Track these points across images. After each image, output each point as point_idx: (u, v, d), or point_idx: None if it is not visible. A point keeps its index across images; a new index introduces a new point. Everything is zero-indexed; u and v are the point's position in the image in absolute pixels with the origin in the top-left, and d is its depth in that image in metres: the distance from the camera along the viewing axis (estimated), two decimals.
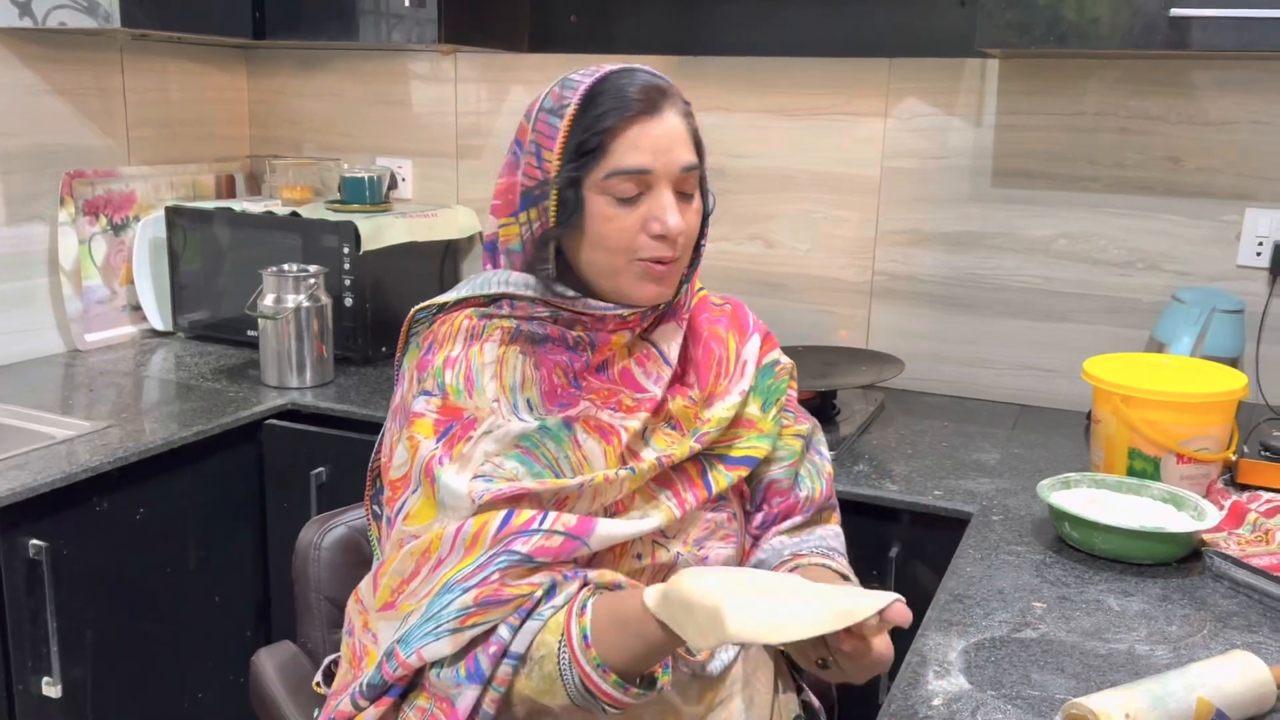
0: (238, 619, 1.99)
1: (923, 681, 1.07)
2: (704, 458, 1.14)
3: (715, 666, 1.10)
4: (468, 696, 0.96)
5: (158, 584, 1.82)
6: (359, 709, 1.02)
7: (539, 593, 0.98)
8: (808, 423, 1.24)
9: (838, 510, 1.26)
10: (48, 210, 2.21)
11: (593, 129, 1.03)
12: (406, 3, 2.08)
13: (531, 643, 0.97)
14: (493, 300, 1.10)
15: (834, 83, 2.15)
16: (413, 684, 1.03)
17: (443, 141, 2.53)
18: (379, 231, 2.21)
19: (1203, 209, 1.95)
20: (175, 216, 2.35)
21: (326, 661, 1.23)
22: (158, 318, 2.41)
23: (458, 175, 2.54)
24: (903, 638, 1.26)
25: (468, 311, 1.10)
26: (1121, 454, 1.53)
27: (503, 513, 0.99)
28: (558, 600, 0.98)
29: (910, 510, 1.58)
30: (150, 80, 2.43)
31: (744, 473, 1.15)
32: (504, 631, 0.97)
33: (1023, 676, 1.08)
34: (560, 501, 1.03)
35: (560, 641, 0.96)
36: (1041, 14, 1.66)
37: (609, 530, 1.03)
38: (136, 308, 2.40)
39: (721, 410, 1.14)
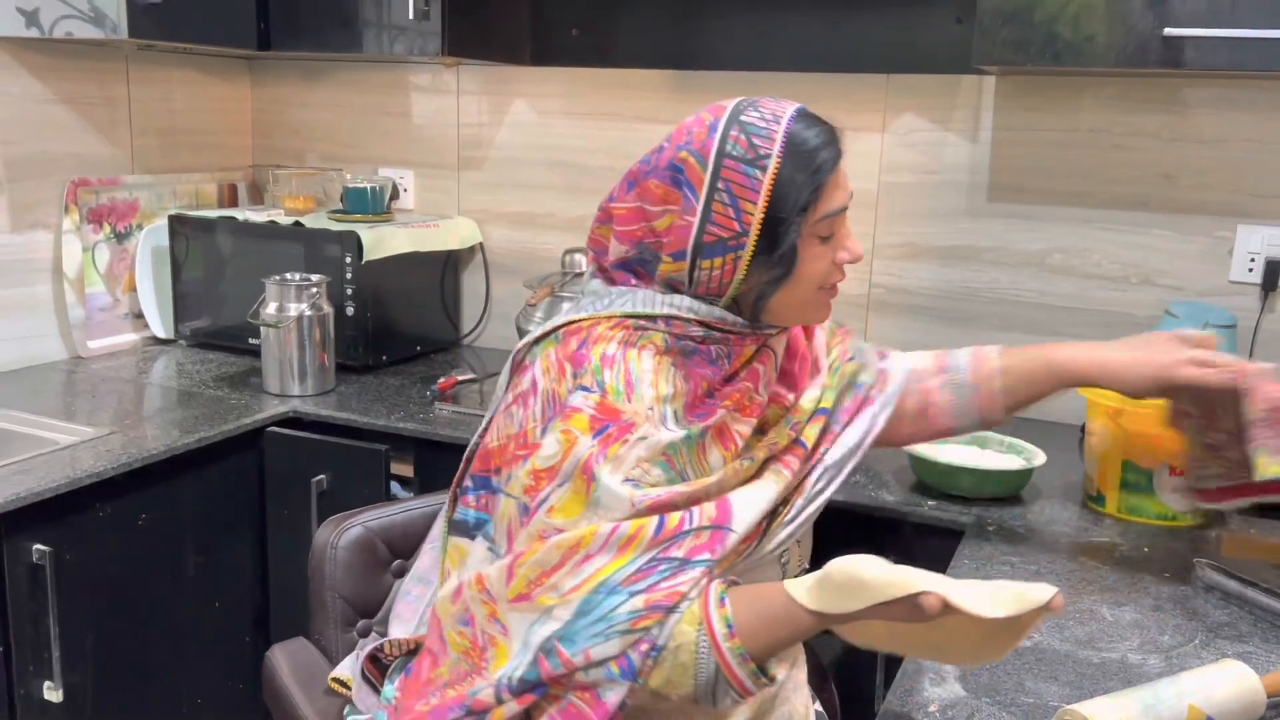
0: (238, 625, 2.00)
1: (919, 689, 1.08)
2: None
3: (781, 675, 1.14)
4: (618, 692, 0.99)
5: (159, 589, 1.83)
6: (501, 702, 1.02)
7: (692, 591, 1.01)
8: (839, 344, 1.34)
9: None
10: (52, 218, 2.23)
11: (810, 184, 1.07)
12: (410, 15, 2.10)
13: (670, 634, 1.00)
14: (647, 318, 1.11)
15: (832, 97, 2.18)
16: None
17: (444, 153, 2.55)
18: (381, 241, 2.23)
19: (1196, 225, 1.97)
20: (178, 225, 2.37)
21: (365, 653, 1.23)
22: (160, 325, 2.43)
23: (459, 186, 2.56)
24: None
25: (623, 321, 1.11)
26: (1115, 467, 1.55)
27: (657, 517, 1.03)
28: (691, 594, 1.02)
29: (905, 520, 1.60)
30: (155, 90, 2.45)
31: (823, 423, 1.23)
32: (654, 629, 1.00)
33: (1017, 684, 1.09)
34: (694, 501, 1.07)
35: (699, 631, 0.99)
36: (1038, 32, 1.68)
37: (744, 505, 1.08)
38: (139, 315, 2.42)
39: (808, 402, 1.23)
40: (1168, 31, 1.61)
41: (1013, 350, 1.34)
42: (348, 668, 1.28)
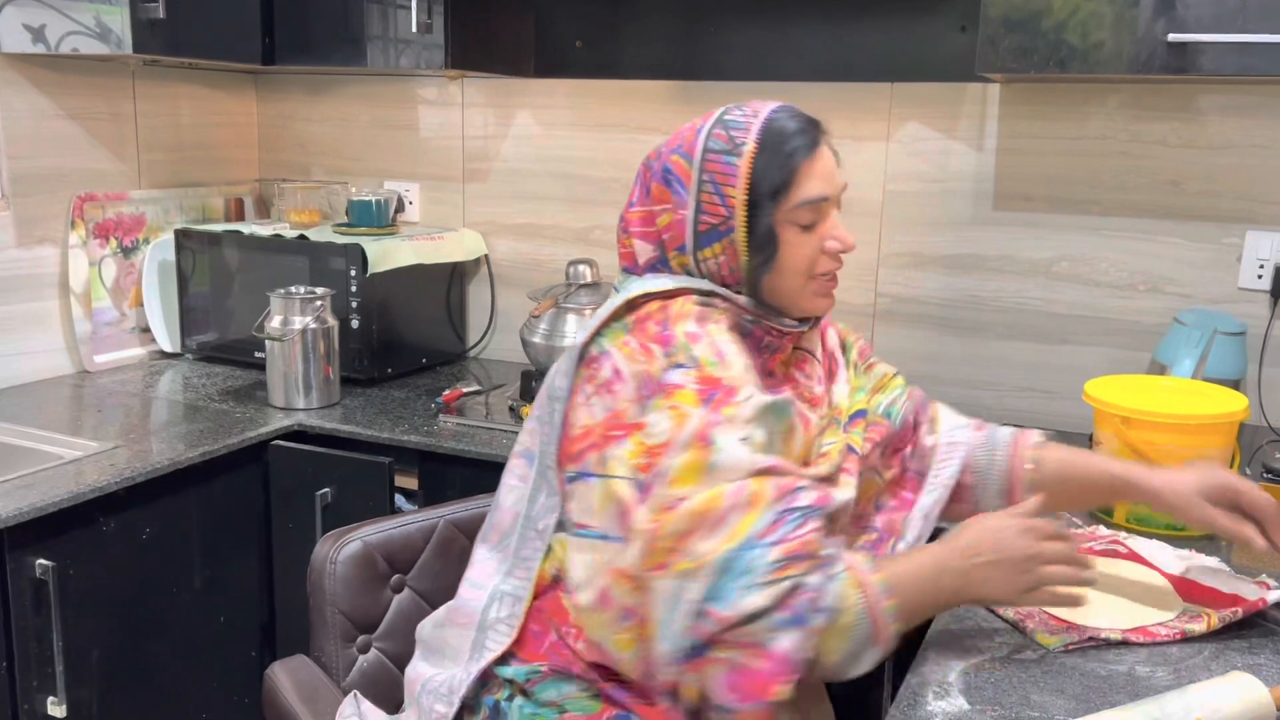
0: (243, 639, 2.00)
1: (922, 702, 1.07)
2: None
3: None
4: (786, 641, 1.01)
5: (163, 604, 1.83)
6: (684, 677, 1.05)
7: (830, 550, 1.06)
8: (856, 341, 1.40)
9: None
10: (59, 233, 2.24)
11: (783, 167, 1.14)
12: (414, 28, 2.11)
13: (837, 595, 1.04)
14: (705, 294, 1.18)
15: (836, 106, 2.17)
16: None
17: (449, 165, 2.56)
18: (386, 254, 2.23)
19: (1204, 232, 1.96)
20: (184, 239, 2.37)
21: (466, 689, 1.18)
22: (166, 339, 2.44)
23: (464, 198, 2.56)
24: (902, 658, 1.26)
25: (688, 297, 1.16)
26: None
27: (773, 477, 1.07)
28: (841, 565, 1.06)
29: None
30: (161, 105, 2.46)
31: (862, 426, 1.27)
32: (814, 580, 1.03)
33: (1022, 698, 1.08)
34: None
35: (859, 593, 1.04)
36: (1043, 39, 1.68)
37: (839, 497, 1.17)
38: (145, 329, 2.43)
39: (846, 400, 1.28)
40: (1175, 37, 1.60)
41: (1056, 450, 1.35)
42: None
